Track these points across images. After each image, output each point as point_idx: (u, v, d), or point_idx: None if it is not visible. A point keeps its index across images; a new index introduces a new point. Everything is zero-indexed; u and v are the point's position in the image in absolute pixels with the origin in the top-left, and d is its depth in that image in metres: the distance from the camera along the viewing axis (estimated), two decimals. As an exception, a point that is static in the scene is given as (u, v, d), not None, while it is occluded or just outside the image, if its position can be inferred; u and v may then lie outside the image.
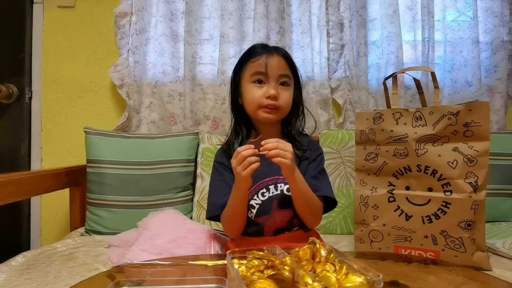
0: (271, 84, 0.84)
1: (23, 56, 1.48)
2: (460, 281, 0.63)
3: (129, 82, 1.43)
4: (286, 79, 0.86)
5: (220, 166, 0.90)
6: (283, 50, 0.89)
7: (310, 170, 0.87)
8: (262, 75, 0.84)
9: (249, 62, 0.87)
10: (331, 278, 0.45)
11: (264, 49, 0.87)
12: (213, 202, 0.87)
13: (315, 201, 0.82)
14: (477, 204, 0.81)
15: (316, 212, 0.83)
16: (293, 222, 0.83)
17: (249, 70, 0.86)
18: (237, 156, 0.73)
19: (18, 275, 0.80)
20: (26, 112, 1.48)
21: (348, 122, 1.50)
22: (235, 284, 0.45)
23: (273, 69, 0.84)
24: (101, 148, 1.24)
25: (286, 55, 0.88)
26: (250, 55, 0.87)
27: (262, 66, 0.84)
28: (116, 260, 0.85)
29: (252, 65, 0.86)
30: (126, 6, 1.44)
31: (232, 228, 0.84)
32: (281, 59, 0.86)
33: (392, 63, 1.48)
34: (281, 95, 0.84)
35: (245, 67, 0.88)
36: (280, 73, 0.85)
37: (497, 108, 1.50)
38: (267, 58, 0.84)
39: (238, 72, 0.90)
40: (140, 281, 0.55)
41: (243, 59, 0.90)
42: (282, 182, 0.84)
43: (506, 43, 1.50)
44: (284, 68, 0.86)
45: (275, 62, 0.84)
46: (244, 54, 0.91)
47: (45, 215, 1.51)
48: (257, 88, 0.85)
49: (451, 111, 0.83)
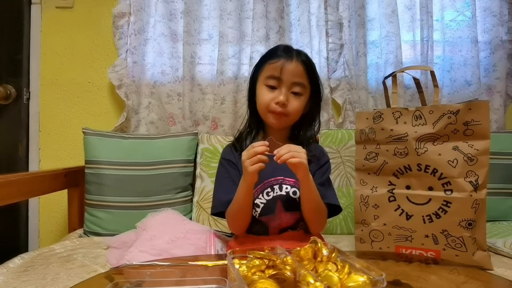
0: (283, 90, 0.83)
1: (21, 56, 1.47)
2: (462, 281, 0.63)
3: (128, 83, 1.43)
4: (299, 88, 0.85)
5: (227, 163, 0.90)
6: (305, 56, 0.87)
7: (317, 176, 0.87)
8: (275, 79, 0.84)
9: (267, 63, 0.86)
10: (333, 278, 0.44)
11: (285, 53, 0.85)
12: (218, 198, 0.87)
13: (322, 208, 0.82)
14: (478, 203, 0.80)
15: (322, 219, 0.84)
16: (298, 225, 0.84)
17: (265, 71, 0.86)
18: (249, 150, 0.74)
19: (16, 277, 0.79)
20: (24, 113, 1.48)
21: (347, 121, 1.50)
22: (236, 285, 0.44)
23: (287, 75, 0.83)
24: (100, 149, 1.23)
25: (306, 61, 0.86)
26: (270, 56, 0.87)
27: (277, 71, 0.83)
28: (115, 262, 0.84)
29: (268, 67, 0.85)
30: (124, 6, 1.43)
31: (237, 224, 0.84)
32: (299, 66, 0.84)
33: (391, 62, 1.48)
34: (290, 102, 0.84)
35: (263, 67, 0.87)
36: (294, 80, 0.84)
37: (496, 108, 1.50)
38: (284, 63, 0.83)
39: (257, 70, 0.90)
40: (139, 282, 0.55)
41: (263, 58, 0.89)
42: (288, 184, 0.84)
43: (505, 43, 1.50)
44: (299, 76, 0.84)
45: (291, 68, 0.83)
46: (266, 53, 0.91)
47: (43, 217, 1.50)
48: (268, 92, 0.85)
49: (451, 110, 0.83)
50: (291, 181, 0.85)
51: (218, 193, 0.89)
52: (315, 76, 0.88)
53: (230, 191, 0.83)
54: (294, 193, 0.83)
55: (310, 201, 0.80)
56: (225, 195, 0.84)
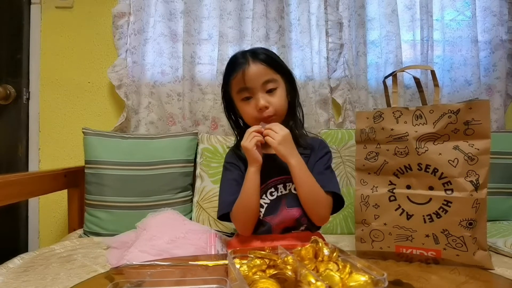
0: (258, 96, 0.83)
1: (20, 57, 1.47)
2: (462, 280, 0.62)
3: (128, 83, 1.43)
4: (271, 85, 0.84)
5: (230, 165, 0.91)
6: (261, 54, 0.85)
7: (318, 167, 0.86)
8: (246, 90, 0.83)
9: (231, 79, 0.86)
10: (335, 277, 0.44)
11: (240, 61, 0.84)
12: (222, 201, 0.87)
13: (321, 195, 0.81)
14: (478, 203, 0.80)
15: (322, 206, 0.82)
16: (301, 221, 0.83)
17: (234, 88, 0.86)
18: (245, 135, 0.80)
19: (16, 277, 0.79)
20: (23, 113, 1.48)
21: (347, 121, 1.50)
22: (236, 284, 0.44)
23: (253, 80, 0.82)
24: (100, 149, 1.23)
25: (265, 58, 0.84)
26: (229, 71, 0.86)
27: (242, 81, 0.82)
28: (115, 262, 0.84)
29: (234, 82, 0.85)
30: (124, 6, 1.43)
31: (244, 221, 0.82)
32: (259, 66, 0.83)
33: (391, 62, 1.48)
34: (271, 101, 0.83)
35: (230, 85, 0.87)
36: (261, 81, 0.83)
37: (496, 107, 1.50)
38: (244, 71, 0.82)
39: (227, 90, 0.90)
40: (139, 282, 0.55)
41: (226, 76, 0.88)
42: (291, 181, 0.84)
43: (505, 42, 1.50)
44: (265, 74, 0.83)
45: (253, 72, 0.82)
46: (225, 70, 0.89)
47: (43, 217, 1.50)
48: (247, 105, 0.85)
49: (451, 109, 0.83)
50: None
51: (222, 195, 0.89)
52: (280, 65, 0.87)
53: (234, 192, 0.83)
54: (295, 189, 0.83)
55: (303, 184, 0.80)
56: (229, 196, 0.84)
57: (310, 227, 0.85)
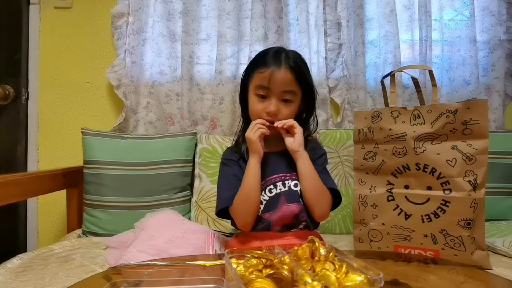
0: (272, 100, 0.83)
1: (19, 57, 1.47)
2: (461, 280, 0.62)
3: (126, 83, 1.43)
4: (289, 96, 0.84)
5: (228, 161, 0.91)
6: (294, 61, 0.84)
7: (316, 167, 0.87)
8: (265, 89, 0.84)
9: (256, 71, 0.85)
10: (331, 277, 0.44)
11: (274, 60, 0.84)
12: (222, 196, 0.87)
13: (325, 189, 0.83)
14: (477, 203, 0.80)
15: (326, 200, 0.83)
16: (300, 217, 0.83)
17: (255, 80, 0.86)
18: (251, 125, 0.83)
19: (14, 277, 0.79)
20: (22, 113, 1.48)
21: (346, 121, 1.50)
22: (233, 284, 0.44)
23: (277, 84, 0.82)
24: (98, 149, 1.23)
25: (295, 67, 0.84)
26: (259, 63, 0.85)
27: (266, 80, 0.82)
28: (113, 262, 0.84)
29: (257, 76, 0.84)
30: (123, 7, 1.43)
31: (244, 214, 0.82)
32: (288, 74, 0.82)
33: (390, 62, 1.48)
34: (281, 111, 0.84)
35: (252, 75, 0.87)
36: (283, 89, 0.83)
37: (495, 107, 1.50)
38: (273, 72, 0.82)
39: (247, 76, 0.90)
40: (137, 282, 0.55)
41: (253, 64, 0.88)
42: (290, 179, 0.85)
43: (503, 42, 1.50)
44: (289, 84, 0.83)
45: (280, 77, 0.82)
46: (254, 59, 0.89)
47: (42, 217, 1.50)
48: (258, 102, 0.85)
49: (449, 109, 0.83)
50: (293, 175, 0.86)
51: (221, 190, 0.88)
52: (306, 81, 0.87)
53: (234, 188, 0.83)
54: (295, 186, 0.84)
55: (308, 176, 0.81)
56: (229, 191, 0.84)
57: (309, 224, 0.85)
